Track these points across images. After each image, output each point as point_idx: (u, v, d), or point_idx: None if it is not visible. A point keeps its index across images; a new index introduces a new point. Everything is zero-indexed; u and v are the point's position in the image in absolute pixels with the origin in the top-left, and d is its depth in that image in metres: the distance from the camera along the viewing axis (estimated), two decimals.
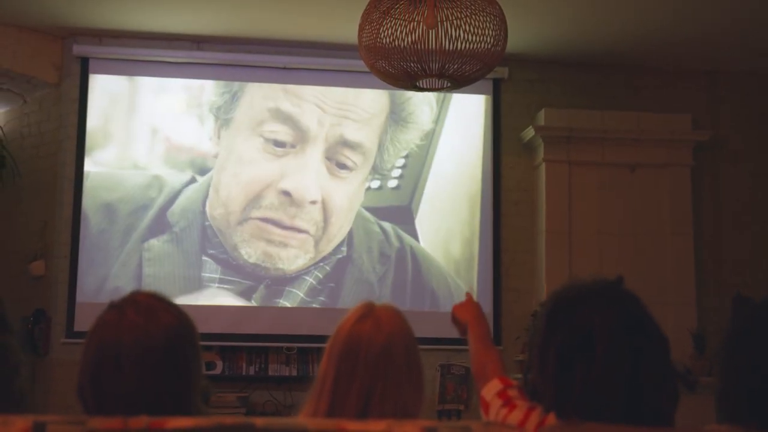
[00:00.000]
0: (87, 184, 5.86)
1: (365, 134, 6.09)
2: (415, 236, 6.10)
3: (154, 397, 1.51)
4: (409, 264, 6.04)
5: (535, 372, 1.52)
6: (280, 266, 5.91)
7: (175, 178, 5.91)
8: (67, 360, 5.62)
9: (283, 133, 6.00)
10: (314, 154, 6.00)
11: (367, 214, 6.05)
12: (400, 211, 6.10)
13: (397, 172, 6.13)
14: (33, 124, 6.30)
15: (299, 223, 5.92)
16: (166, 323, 1.56)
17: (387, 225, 6.06)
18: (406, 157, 6.14)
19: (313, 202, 5.94)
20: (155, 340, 1.53)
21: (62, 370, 5.65)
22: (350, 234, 6.01)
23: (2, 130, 6.33)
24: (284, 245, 5.91)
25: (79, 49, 6.01)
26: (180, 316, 1.60)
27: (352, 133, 6.07)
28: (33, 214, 6.12)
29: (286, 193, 5.92)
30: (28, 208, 6.16)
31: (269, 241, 5.90)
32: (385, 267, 6.02)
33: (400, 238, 6.05)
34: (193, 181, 5.93)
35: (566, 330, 1.48)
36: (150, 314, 1.55)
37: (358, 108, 6.11)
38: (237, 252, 5.90)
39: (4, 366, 1.60)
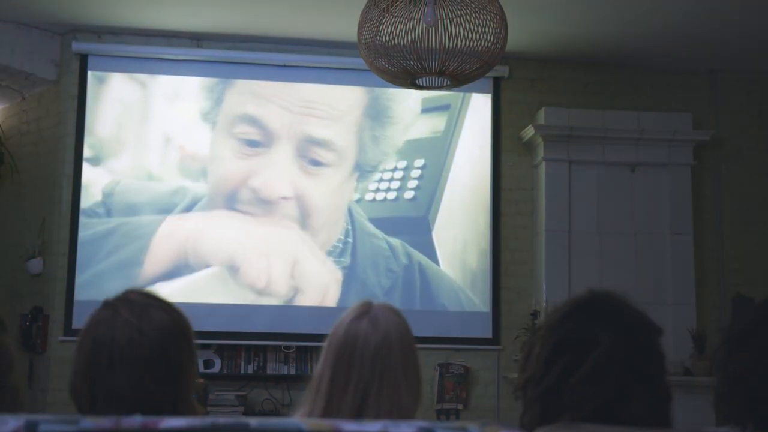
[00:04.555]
0: (117, 189, 5.89)
1: (335, 131, 6.08)
2: (431, 247, 6.08)
3: (148, 396, 1.49)
4: (417, 280, 6.05)
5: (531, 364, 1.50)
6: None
7: (196, 190, 5.97)
8: (65, 357, 5.61)
9: (252, 133, 6.03)
10: (283, 152, 6.02)
11: (375, 230, 6.05)
12: (417, 223, 6.10)
13: (413, 183, 6.13)
14: (32, 121, 6.28)
15: (274, 218, 5.96)
16: (159, 321, 1.54)
17: (396, 241, 6.06)
18: (422, 167, 6.14)
19: (285, 198, 5.98)
20: (148, 339, 1.51)
21: (60, 368, 5.63)
22: (354, 247, 6.01)
23: (1, 126, 6.32)
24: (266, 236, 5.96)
25: (79, 46, 6.00)
26: (174, 315, 1.58)
27: (319, 131, 6.07)
28: (31, 211, 6.10)
29: (255, 190, 5.96)
30: (27, 205, 6.14)
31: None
32: (391, 281, 6.02)
33: (408, 255, 6.06)
34: None
35: (571, 340, 1.46)
36: (143, 312, 1.54)
37: (325, 105, 6.11)
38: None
39: None
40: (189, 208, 5.93)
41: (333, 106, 6.12)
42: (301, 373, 5.87)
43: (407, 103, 6.17)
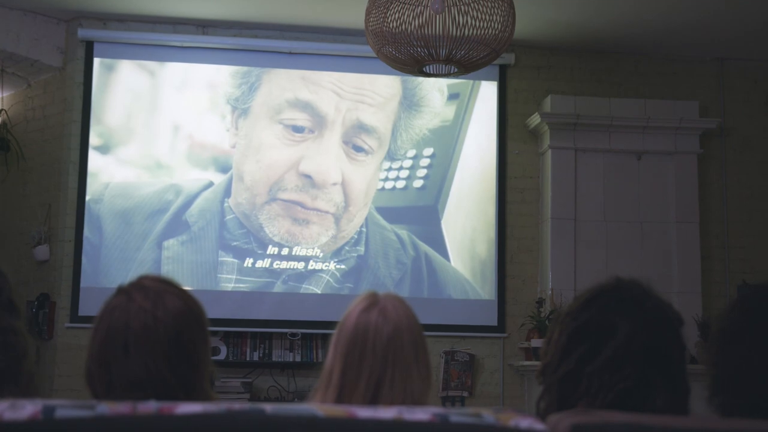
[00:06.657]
0: (107, 192, 5.87)
1: (379, 119, 6.12)
2: (441, 237, 6.09)
3: (163, 381, 1.50)
4: (424, 272, 6.06)
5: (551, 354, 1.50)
6: (303, 244, 5.95)
7: (192, 184, 5.93)
8: (71, 344, 5.63)
9: (301, 119, 6.03)
10: (332, 138, 6.03)
11: (384, 222, 6.06)
12: (426, 212, 6.10)
13: (422, 172, 6.12)
14: (37, 108, 6.28)
15: (320, 204, 5.99)
16: (174, 307, 1.55)
17: (403, 233, 6.07)
18: (431, 156, 6.13)
19: (335, 184, 6.00)
20: (163, 325, 1.52)
21: (67, 354, 5.66)
22: (367, 237, 6.03)
23: (6, 113, 6.32)
24: (307, 223, 5.95)
25: (84, 32, 5.99)
26: (188, 301, 1.59)
27: (368, 118, 6.10)
28: (37, 198, 6.11)
29: (307, 176, 5.97)
30: (33, 192, 6.15)
31: (294, 219, 5.95)
32: (401, 272, 6.03)
33: (415, 247, 6.06)
34: (209, 185, 5.95)
35: (590, 327, 1.45)
36: (157, 298, 1.54)
37: (373, 93, 6.13)
38: (263, 232, 5.93)
39: (13, 350, 1.59)
40: (193, 199, 5.91)
41: (379, 93, 6.14)
42: (306, 360, 5.89)
43: (434, 92, 6.18)
